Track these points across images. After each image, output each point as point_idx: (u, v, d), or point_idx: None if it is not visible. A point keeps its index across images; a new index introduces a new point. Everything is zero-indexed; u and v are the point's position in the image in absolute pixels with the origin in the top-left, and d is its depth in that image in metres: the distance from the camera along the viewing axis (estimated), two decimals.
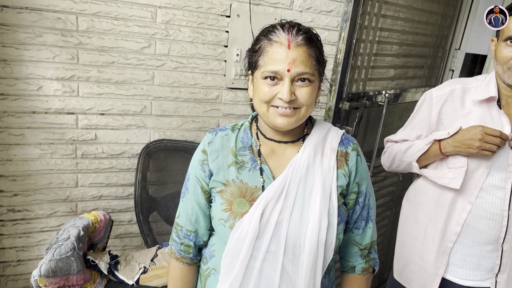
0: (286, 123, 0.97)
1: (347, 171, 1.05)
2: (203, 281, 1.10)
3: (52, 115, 1.79)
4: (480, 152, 1.32)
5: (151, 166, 1.97)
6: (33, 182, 1.84)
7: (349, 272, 1.13)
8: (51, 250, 1.52)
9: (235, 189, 1.02)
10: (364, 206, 1.09)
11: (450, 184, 1.41)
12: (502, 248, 1.38)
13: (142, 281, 1.73)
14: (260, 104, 0.98)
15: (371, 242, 1.12)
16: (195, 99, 2.01)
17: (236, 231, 0.97)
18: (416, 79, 2.47)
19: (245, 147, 1.05)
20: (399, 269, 1.62)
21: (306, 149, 1.03)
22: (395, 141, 1.63)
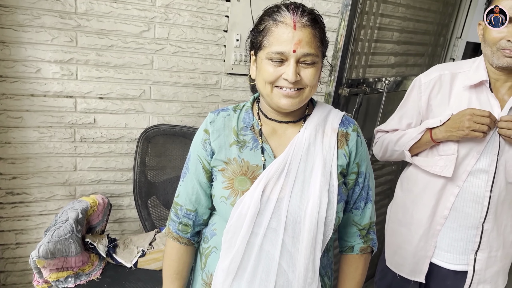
0: (290, 104, 0.98)
1: (347, 151, 1.06)
2: (204, 259, 1.11)
3: (50, 98, 1.79)
4: (470, 134, 1.31)
5: (150, 151, 1.98)
6: (32, 165, 1.84)
7: (347, 252, 1.14)
8: (50, 232, 1.53)
9: (237, 168, 1.03)
10: (364, 187, 1.10)
11: (442, 172, 1.42)
12: (483, 227, 1.40)
13: (140, 264, 1.74)
14: (264, 85, 0.99)
15: (370, 223, 1.13)
16: (194, 84, 2.00)
17: (238, 207, 0.98)
18: (417, 67, 2.46)
19: (246, 127, 1.06)
20: (389, 256, 1.63)
21: (307, 129, 1.04)
22: (385, 131, 1.62)
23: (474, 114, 1.30)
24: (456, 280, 1.47)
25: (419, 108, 1.48)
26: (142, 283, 1.65)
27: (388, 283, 1.67)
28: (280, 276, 0.98)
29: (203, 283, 1.11)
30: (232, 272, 0.98)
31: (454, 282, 1.48)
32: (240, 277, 0.99)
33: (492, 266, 1.44)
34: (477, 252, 1.42)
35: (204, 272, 1.11)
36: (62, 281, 1.55)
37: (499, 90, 1.36)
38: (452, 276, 1.47)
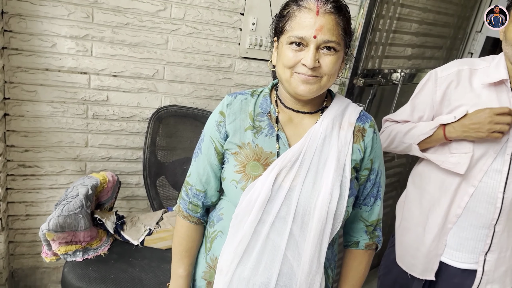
0: (308, 90, 0.97)
1: (362, 146, 1.05)
2: (209, 243, 1.12)
3: (65, 73, 1.79)
4: (490, 135, 1.29)
5: (161, 131, 1.98)
6: (44, 139, 1.86)
7: (352, 247, 1.15)
8: (60, 206, 1.55)
9: (250, 152, 1.02)
10: (375, 184, 1.10)
11: (455, 169, 1.39)
12: (495, 229, 1.39)
13: (147, 243, 1.77)
14: (283, 70, 0.98)
15: (377, 220, 1.13)
16: (208, 66, 1.99)
17: (248, 193, 0.98)
18: (433, 60, 2.42)
19: (263, 113, 1.06)
20: (401, 255, 1.60)
21: (325, 121, 1.03)
22: (395, 121, 1.59)
23: (494, 114, 1.27)
24: (464, 278, 1.47)
25: (433, 102, 1.45)
26: (148, 261, 1.67)
27: (392, 279, 1.67)
28: (284, 265, 0.99)
29: (207, 266, 1.12)
30: (238, 257, 0.99)
31: (462, 280, 1.47)
32: (245, 262, 0.99)
33: (501, 266, 1.44)
34: (487, 253, 1.42)
35: (209, 256, 1.12)
36: (71, 255, 1.58)
37: None
38: (460, 274, 1.47)
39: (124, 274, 1.57)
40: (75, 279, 1.51)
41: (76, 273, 1.53)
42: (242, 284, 1.00)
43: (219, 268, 1.03)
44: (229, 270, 1.01)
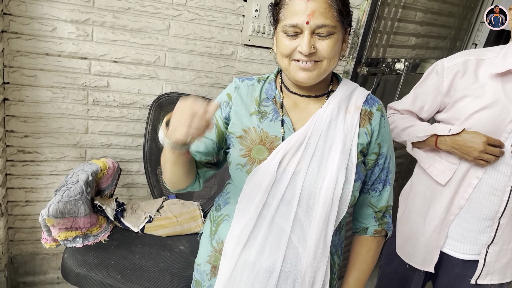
0: (307, 77, 0.96)
1: (369, 130, 1.04)
2: (215, 227, 1.12)
3: (65, 58, 1.77)
4: (476, 161, 1.32)
5: (162, 118, 1.96)
6: (44, 125, 1.84)
7: (361, 233, 1.14)
8: (60, 192, 1.54)
9: (255, 137, 1.02)
10: (384, 169, 1.08)
11: (438, 177, 1.42)
12: (499, 222, 1.38)
13: (147, 230, 1.76)
14: (282, 58, 0.98)
15: (386, 206, 1.12)
16: (209, 53, 1.97)
17: (253, 176, 0.98)
18: (437, 50, 2.40)
19: (268, 98, 1.06)
20: (400, 244, 1.60)
21: (330, 105, 1.02)
22: (397, 109, 1.59)
23: (488, 144, 1.29)
24: (465, 269, 1.46)
25: (438, 93, 1.43)
26: (148, 248, 1.67)
27: (394, 269, 1.67)
28: (289, 249, 0.99)
29: (213, 250, 1.12)
30: (243, 240, 0.99)
31: (463, 271, 1.47)
32: (250, 245, 0.99)
33: (503, 258, 1.43)
34: (489, 246, 1.41)
35: (215, 239, 1.11)
36: (70, 241, 1.57)
37: None
38: (461, 265, 1.47)
39: (124, 260, 1.57)
40: (75, 265, 1.50)
41: (76, 259, 1.52)
42: (248, 269, 0.99)
43: (224, 252, 1.03)
44: (234, 254, 1.00)
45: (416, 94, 1.51)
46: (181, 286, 1.51)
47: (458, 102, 1.38)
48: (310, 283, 1.01)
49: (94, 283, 1.48)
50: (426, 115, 1.52)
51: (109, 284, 1.47)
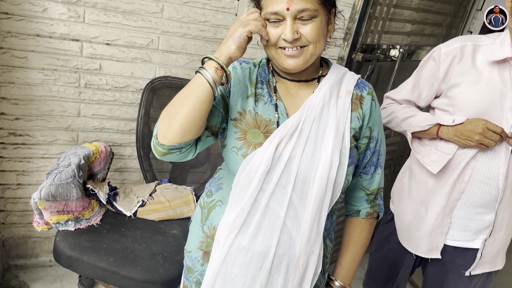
0: (295, 64, 0.96)
1: (361, 114, 1.04)
2: (206, 213, 1.12)
3: (56, 40, 1.74)
4: (478, 146, 1.32)
5: (155, 102, 1.95)
6: (35, 108, 1.82)
7: (353, 216, 1.15)
8: (52, 175, 1.53)
9: (250, 120, 1.03)
10: (375, 152, 1.09)
11: (430, 167, 1.42)
12: (496, 213, 1.39)
13: (140, 214, 1.76)
14: (268, 48, 0.97)
15: (378, 188, 1.13)
16: (203, 37, 1.95)
17: (249, 163, 0.98)
18: (433, 37, 2.39)
19: (262, 81, 1.06)
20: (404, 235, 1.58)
21: (322, 90, 1.02)
22: (395, 99, 1.58)
23: (488, 129, 1.29)
24: (454, 256, 1.48)
25: (435, 79, 1.43)
26: (140, 232, 1.67)
27: (384, 255, 1.68)
28: (283, 234, 0.99)
29: (204, 235, 1.12)
30: (237, 227, 0.99)
31: (451, 258, 1.48)
32: (244, 232, 0.99)
33: (495, 247, 1.45)
34: (487, 240, 1.42)
35: (206, 225, 1.11)
36: (62, 224, 1.56)
37: None
38: (451, 251, 1.47)
39: (117, 244, 1.57)
40: (67, 248, 1.50)
41: (68, 242, 1.52)
42: (241, 254, 1.00)
43: (217, 239, 1.03)
44: (227, 240, 1.01)
45: (414, 81, 1.50)
46: (173, 270, 1.52)
47: (453, 88, 1.38)
48: (304, 266, 1.02)
49: (86, 266, 1.48)
50: (424, 102, 1.52)
51: (101, 267, 1.47)
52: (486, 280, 1.52)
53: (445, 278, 1.53)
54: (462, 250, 1.46)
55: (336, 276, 1.15)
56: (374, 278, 1.75)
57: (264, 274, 1.00)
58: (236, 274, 1.01)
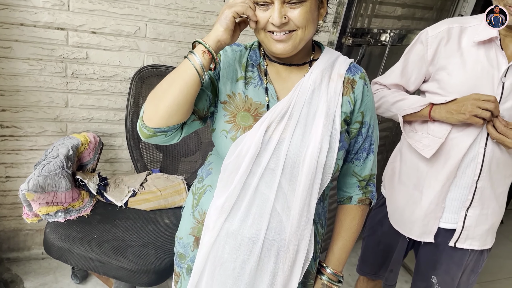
0: (283, 48, 0.94)
1: (352, 98, 1.03)
2: (197, 198, 1.11)
3: (41, 29, 1.71)
4: (471, 119, 1.29)
5: (144, 91, 1.92)
6: (22, 99, 1.79)
7: (345, 202, 1.14)
8: (40, 166, 1.51)
9: (240, 103, 1.02)
10: (367, 138, 1.08)
11: (423, 151, 1.41)
12: (477, 185, 1.40)
13: (131, 204, 1.75)
14: (258, 32, 0.96)
15: (370, 175, 1.12)
16: (192, 24, 1.92)
17: (238, 146, 0.97)
18: (423, 21, 2.37)
19: (253, 64, 1.05)
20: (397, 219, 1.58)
21: (313, 73, 1.01)
22: (384, 84, 1.57)
23: (479, 99, 1.27)
24: (446, 237, 1.48)
25: (423, 62, 1.42)
26: (132, 222, 1.66)
27: (377, 239, 1.68)
28: (273, 218, 0.98)
29: (195, 221, 1.11)
30: (226, 211, 0.98)
31: (444, 239, 1.48)
32: (233, 216, 0.98)
33: (483, 224, 1.45)
34: (468, 209, 1.43)
35: (197, 211, 1.11)
36: (52, 215, 1.55)
37: (508, 46, 1.31)
38: (443, 233, 1.48)
39: (108, 234, 1.56)
40: (57, 239, 1.49)
41: (58, 234, 1.51)
42: (231, 239, 0.99)
43: (206, 224, 1.02)
44: (216, 225, 1.00)
45: (402, 66, 1.50)
46: (166, 259, 1.52)
47: (441, 70, 1.37)
48: (294, 252, 1.01)
49: (77, 257, 1.47)
50: (413, 86, 1.51)
51: (92, 257, 1.46)
52: (478, 260, 1.52)
53: (438, 259, 1.53)
54: (453, 231, 1.47)
55: (327, 263, 1.14)
56: (368, 263, 1.76)
57: (254, 259, 0.99)
58: (225, 259, 1.00)
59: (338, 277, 1.14)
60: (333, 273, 1.13)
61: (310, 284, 1.14)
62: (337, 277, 1.13)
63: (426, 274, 1.59)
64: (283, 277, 1.02)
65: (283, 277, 1.02)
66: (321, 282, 1.13)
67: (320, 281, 1.14)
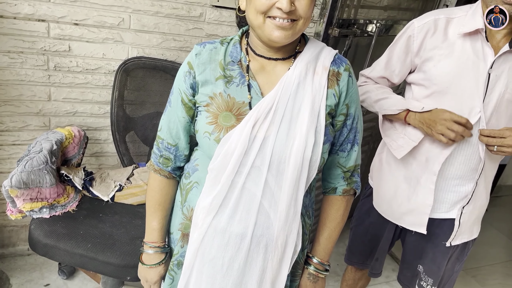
0: (283, 36, 0.92)
1: (337, 91, 1.02)
2: (184, 194, 1.10)
3: (21, 21, 1.66)
4: (437, 136, 1.31)
5: (129, 84, 1.90)
6: (3, 93, 1.75)
7: (330, 193, 1.14)
8: (23, 161, 1.48)
9: (222, 103, 0.99)
10: (352, 129, 1.07)
11: (395, 151, 1.44)
12: (477, 183, 1.41)
13: (117, 198, 1.73)
14: (255, 15, 0.92)
15: (354, 166, 1.12)
16: (177, 15, 1.89)
17: (224, 146, 0.96)
18: (409, 11, 2.38)
19: (234, 61, 1.01)
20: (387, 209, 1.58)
21: (298, 66, 0.99)
22: (370, 77, 1.57)
23: (451, 119, 1.29)
24: (433, 226, 1.50)
25: (408, 54, 1.42)
26: (119, 216, 1.64)
27: (365, 229, 1.69)
28: (261, 215, 0.98)
29: (184, 217, 1.10)
30: (214, 210, 0.98)
31: (432, 229, 1.50)
32: (221, 214, 0.98)
33: (472, 216, 1.47)
34: (464, 207, 1.44)
35: (185, 207, 1.10)
36: (37, 211, 1.52)
37: (494, 36, 1.31)
38: (430, 223, 1.49)
39: (94, 230, 1.54)
40: (42, 235, 1.47)
41: (43, 230, 1.49)
42: (218, 235, 0.99)
43: (194, 221, 1.02)
44: (204, 223, 1.00)
45: (387, 57, 1.50)
46: None
47: (427, 61, 1.37)
48: (283, 246, 1.01)
49: (63, 253, 1.45)
50: (397, 79, 1.51)
51: (79, 253, 1.45)
52: (464, 249, 1.55)
53: (424, 249, 1.55)
54: (440, 221, 1.48)
55: (313, 253, 1.15)
56: (355, 253, 1.77)
57: (242, 255, 0.99)
58: (214, 255, 1.00)
59: (325, 266, 1.15)
60: (320, 263, 1.14)
61: (298, 274, 1.15)
62: (323, 266, 1.15)
63: (413, 263, 1.61)
64: (272, 271, 1.02)
65: (272, 271, 1.02)
66: (307, 271, 1.14)
67: (307, 270, 1.15)
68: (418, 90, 1.43)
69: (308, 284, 1.15)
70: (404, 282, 1.68)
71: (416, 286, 1.62)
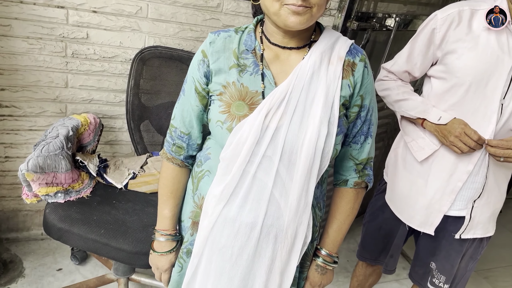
0: (298, 21, 0.91)
1: (352, 81, 1.01)
2: (196, 182, 1.10)
3: (41, 7, 1.68)
4: (450, 147, 1.35)
5: (145, 73, 1.90)
6: (21, 78, 1.77)
7: (341, 185, 1.13)
8: (39, 146, 1.49)
9: (235, 92, 0.99)
10: (366, 121, 1.06)
11: (416, 153, 1.46)
12: (487, 176, 1.39)
13: (131, 186, 1.74)
14: (271, 2, 0.92)
15: (367, 158, 1.11)
16: (194, 5, 1.88)
17: (236, 135, 0.95)
18: (429, 6, 2.33)
19: (248, 50, 1.01)
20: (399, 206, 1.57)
21: (312, 56, 0.98)
22: (391, 71, 1.55)
23: (464, 133, 1.31)
24: (447, 224, 1.47)
25: (430, 47, 1.40)
26: (132, 204, 1.65)
27: (377, 225, 1.68)
28: (271, 205, 0.97)
29: (195, 205, 1.11)
30: (225, 199, 0.98)
31: (444, 225, 1.48)
32: (231, 203, 0.98)
33: (486, 212, 1.45)
34: (476, 201, 1.42)
35: (196, 195, 1.10)
36: (52, 196, 1.54)
37: None
38: (443, 220, 1.47)
39: (107, 216, 1.55)
40: (57, 220, 1.48)
41: (58, 214, 1.50)
42: (228, 224, 0.98)
43: (204, 210, 1.02)
44: (214, 211, 0.99)
45: (409, 51, 1.47)
46: None
47: (449, 54, 1.35)
48: (293, 237, 1.01)
49: (76, 238, 1.47)
50: (418, 72, 1.49)
51: (92, 238, 1.46)
52: (478, 247, 1.52)
53: (437, 246, 1.53)
54: (454, 218, 1.46)
55: (322, 245, 1.14)
56: (368, 249, 1.76)
57: (252, 244, 0.99)
58: (223, 244, 1.00)
59: (333, 257, 1.14)
60: (328, 254, 1.14)
61: (307, 266, 1.15)
62: (332, 258, 1.14)
63: (425, 260, 1.60)
64: (282, 261, 1.01)
65: (281, 261, 1.01)
66: (315, 263, 1.14)
67: (315, 262, 1.14)
68: (437, 83, 1.41)
69: (316, 275, 1.14)
70: (416, 279, 1.66)
71: (428, 283, 1.60)
